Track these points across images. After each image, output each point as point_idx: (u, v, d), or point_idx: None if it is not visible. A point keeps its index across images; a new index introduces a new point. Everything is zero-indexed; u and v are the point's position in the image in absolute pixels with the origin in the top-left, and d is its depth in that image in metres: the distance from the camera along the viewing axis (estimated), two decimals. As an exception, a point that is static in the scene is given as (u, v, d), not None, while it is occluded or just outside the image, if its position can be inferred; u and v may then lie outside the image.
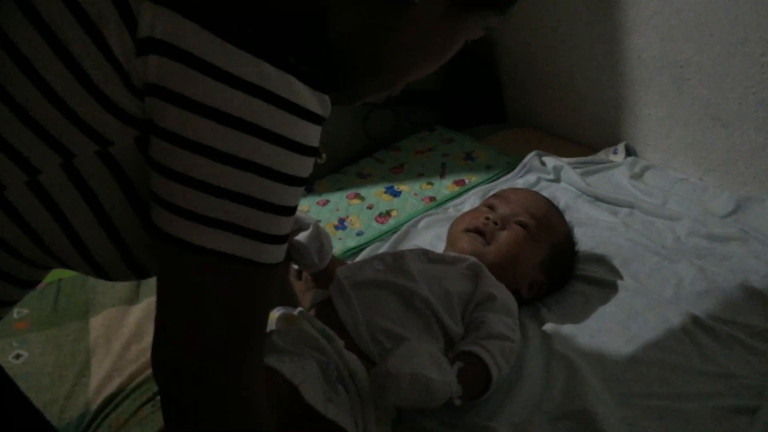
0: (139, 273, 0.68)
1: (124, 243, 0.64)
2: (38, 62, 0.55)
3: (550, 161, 1.61)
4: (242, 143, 0.55)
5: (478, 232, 1.17)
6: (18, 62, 0.56)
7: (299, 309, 0.98)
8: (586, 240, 1.31)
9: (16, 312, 1.34)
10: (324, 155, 1.89)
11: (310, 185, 1.72)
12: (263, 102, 0.54)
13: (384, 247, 1.42)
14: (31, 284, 0.72)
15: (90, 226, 0.62)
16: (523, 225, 1.16)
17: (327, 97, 0.59)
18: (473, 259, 1.11)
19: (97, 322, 1.29)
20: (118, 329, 1.25)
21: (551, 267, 1.17)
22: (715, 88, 1.38)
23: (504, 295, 1.08)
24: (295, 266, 1.17)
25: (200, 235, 0.57)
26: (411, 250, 1.13)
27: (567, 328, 1.13)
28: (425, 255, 1.13)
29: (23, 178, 0.58)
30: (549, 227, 1.18)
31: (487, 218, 1.17)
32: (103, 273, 0.67)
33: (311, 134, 0.58)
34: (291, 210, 0.60)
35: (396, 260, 1.08)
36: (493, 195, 1.31)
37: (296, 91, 0.55)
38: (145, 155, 0.58)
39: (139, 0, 0.53)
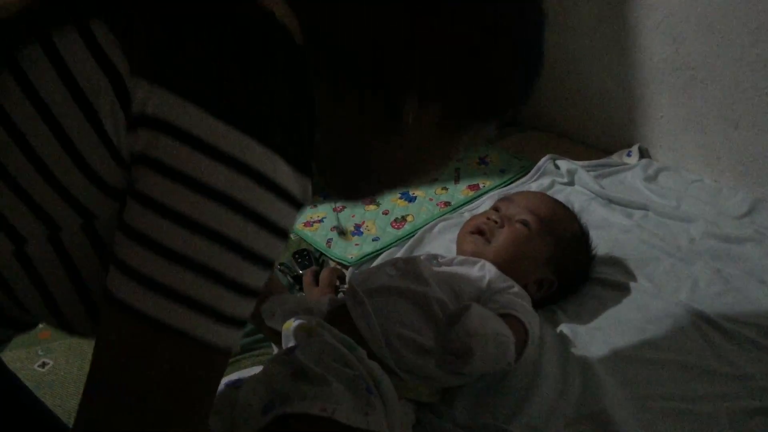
0: None
1: (94, 305, 0.63)
2: (32, 137, 0.56)
3: (564, 164, 1.62)
4: (213, 213, 0.53)
5: (480, 232, 1.19)
6: (12, 135, 0.56)
7: (315, 318, 0.99)
8: (600, 243, 1.31)
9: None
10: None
11: (325, 192, 1.74)
12: (243, 176, 0.53)
13: (400, 252, 1.43)
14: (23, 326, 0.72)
15: (68, 294, 0.62)
16: (524, 223, 1.17)
17: (309, 183, 0.58)
18: (483, 260, 1.12)
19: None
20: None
21: (560, 266, 1.17)
22: (728, 90, 1.38)
23: (517, 287, 1.09)
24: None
25: (150, 303, 0.54)
26: (422, 255, 1.15)
27: (583, 331, 1.13)
28: (435, 259, 1.15)
29: (10, 247, 0.59)
30: (553, 226, 1.19)
31: (488, 218, 1.19)
32: (69, 328, 0.66)
33: (286, 216, 0.57)
34: (252, 291, 0.57)
35: (408, 265, 1.09)
36: (500, 198, 1.32)
37: (279, 170, 0.55)
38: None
39: (134, 77, 0.54)
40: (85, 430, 0.56)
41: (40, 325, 1.34)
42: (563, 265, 1.18)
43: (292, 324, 1.00)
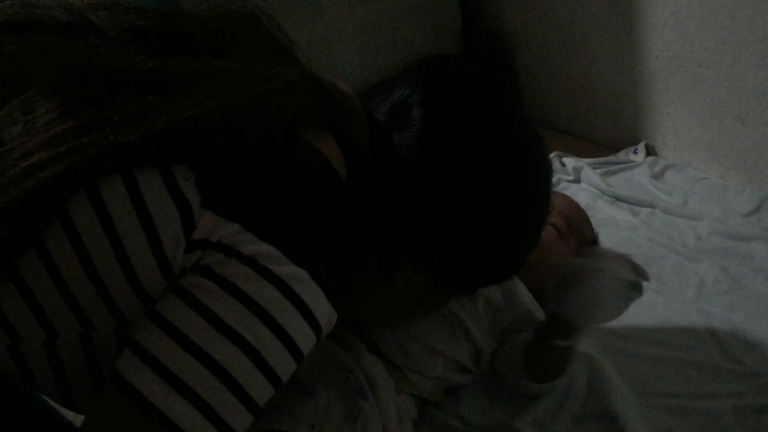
0: None
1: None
2: (92, 248, 0.57)
3: (570, 162, 1.61)
4: (247, 323, 0.56)
5: None
6: (72, 241, 0.57)
7: None
8: (607, 240, 1.31)
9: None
10: None
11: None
12: (286, 299, 0.57)
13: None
14: None
15: (85, 385, 0.63)
16: (554, 226, 1.15)
17: (335, 315, 0.62)
18: None
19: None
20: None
21: None
22: (734, 87, 1.38)
23: (534, 306, 1.08)
24: None
25: (153, 386, 0.54)
26: None
27: (589, 328, 1.13)
28: None
29: (43, 337, 0.60)
30: (578, 229, 1.18)
31: None
32: (75, 408, 0.69)
33: (308, 341, 0.60)
34: (255, 405, 0.58)
35: None
36: None
37: (317, 300, 0.59)
38: None
39: (202, 211, 0.57)
40: None
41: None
42: None
43: None
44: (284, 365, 0.58)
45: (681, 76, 1.48)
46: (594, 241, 1.23)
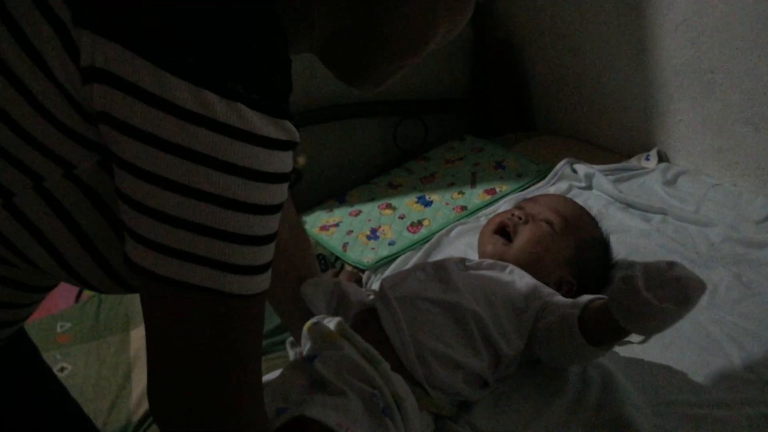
0: (126, 287, 0.67)
1: (105, 260, 0.63)
2: None
3: (582, 168, 1.61)
4: (195, 174, 0.53)
5: (503, 227, 1.18)
6: None
7: (338, 321, 0.95)
8: (618, 247, 1.30)
9: (59, 326, 1.37)
10: (302, 158, 1.89)
11: (342, 196, 1.75)
12: (210, 131, 0.53)
13: (416, 257, 1.43)
14: (41, 289, 0.72)
15: (70, 244, 0.62)
16: (548, 222, 1.16)
17: (287, 121, 0.57)
18: (510, 265, 1.11)
19: (137, 334, 1.32)
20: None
21: (580, 268, 1.16)
22: (746, 93, 1.37)
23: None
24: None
25: (164, 266, 0.55)
26: (449, 259, 1.13)
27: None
28: (462, 263, 1.12)
29: (30, 182, 0.58)
30: (577, 227, 1.18)
31: (513, 215, 1.19)
32: (91, 286, 0.67)
33: (271, 161, 0.56)
34: (262, 239, 0.58)
35: (439, 271, 1.07)
36: (524, 199, 1.32)
37: (246, 118, 0.54)
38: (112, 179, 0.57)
39: (79, 29, 0.52)
40: (155, 399, 0.60)
41: (58, 329, 1.36)
42: (583, 268, 1.17)
43: (311, 325, 0.97)
44: (261, 192, 0.56)
45: (692, 82, 1.48)
46: (602, 239, 1.22)
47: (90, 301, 1.44)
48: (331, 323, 0.96)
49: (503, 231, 1.19)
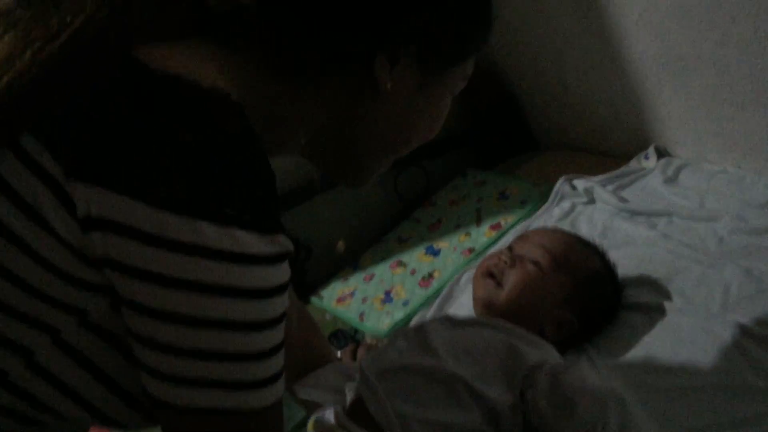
0: (152, 419, 0.67)
1: (131, 396, 0.65)
2: (3, 257, 0.57)
3: (581, 184, 1.56)
4: (198, 303, 0.55)
5: (491, 274, 1.15)
6: None
7: (336, 412, 0.97)
8: (626, 261, 1.26)
9: None
10: (342, 243, 1.89)
11: (356, 262, 1.74)
12: (207, 260, 0.54)
13: (430, 313, 1.41)
14: None
15: (98, 391, 0.64)
16: (535, 263, 1.12)
17: (280, 234, 0.58)
18: (500, 320, 1.08)
19: None
20: None
21: (580, 305, 1.11)
22: (721, 73, 1.31)
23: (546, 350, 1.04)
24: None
25: (178, 395, 0.57)
26: (434, 321, 1.11)
27: (614, 362, 1.08)
28: (449, 321, 1.10)
29: (21, 361, 0.61)
30: (569, 263, 1.13)
31: (499, 258, 1.16)
32: (119, 424, 0.68)
33: (265, 276, 0.57)
34: (271, 350, 0.59)
35: (418, 335, 1.05)
36: (518, 236, 1.29)
37: (240, 241, 0.55)
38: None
39: (72, 182, 0.54)
40: None
41: None
42: (583, 305, 1.12)
43: (312, 420, 0.99)
44: (259, 309, 0.58)
45: (667, 73, 1.43)
46: (602, 269, 1.18)
47: None
48: (331, 415, 0.97)
49: (492, 274, 1.16)
